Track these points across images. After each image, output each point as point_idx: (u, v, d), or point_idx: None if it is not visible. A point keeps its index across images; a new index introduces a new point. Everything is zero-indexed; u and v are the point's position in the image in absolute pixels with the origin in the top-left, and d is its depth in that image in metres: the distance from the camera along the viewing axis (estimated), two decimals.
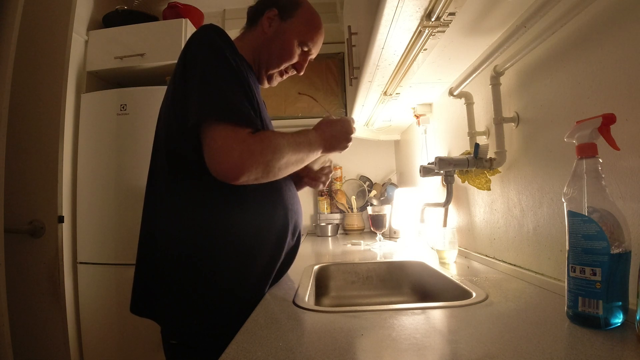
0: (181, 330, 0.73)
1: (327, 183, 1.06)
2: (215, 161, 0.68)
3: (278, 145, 0.73)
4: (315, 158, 0.84)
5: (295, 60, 0.92)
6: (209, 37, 0.75)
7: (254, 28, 0.92)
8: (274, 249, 0.80)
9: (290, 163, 0.76)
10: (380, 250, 1.41)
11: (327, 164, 1.06)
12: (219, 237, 0.74)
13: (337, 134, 0.87)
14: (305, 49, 0.92)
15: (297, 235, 0.88)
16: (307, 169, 1.01)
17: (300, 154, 0.78)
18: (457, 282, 0.81)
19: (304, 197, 2.37)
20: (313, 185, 1.06)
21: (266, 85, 0.96)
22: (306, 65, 0.96)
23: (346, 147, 0.90)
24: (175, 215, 0.75)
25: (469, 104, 1.08)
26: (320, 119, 0.91)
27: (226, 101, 0.69)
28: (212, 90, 0.70)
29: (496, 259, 0.97)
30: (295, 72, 0.97)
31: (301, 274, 0.97)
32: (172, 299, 0.74)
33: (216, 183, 0.70)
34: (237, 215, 0.76)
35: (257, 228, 0.77)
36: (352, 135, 0.90)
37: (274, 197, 0.81)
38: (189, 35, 0.84)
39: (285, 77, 0.97)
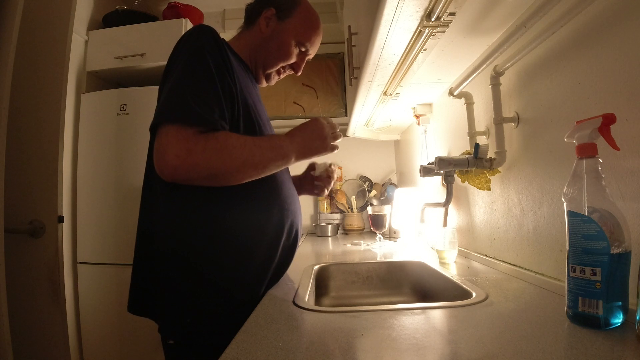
0: (177, 329, 0.73)
1: (330, 187, 1.05)
2: (155, 159, 0.67)
3: (227, 145, 0.68)
4: (289, 163, 0.79)
5: (292, 60, 0.92)
6: (192, 39, 0.75)
7: (252, 27, 0.92)
8: (270, 249, 0.80)
9: (249, 165, 0.70)
10: (380, 250, 1.41)
11: (329, 167, 1.05)
12: (214, 236, 0.74)
13: (307, 134, 0.80)
14: (303, 49, 0.92)
15: (293, 235, 0.87)
16: (307, 176, 0.98)
17: (263, 157, 0.72)
18: (457, 282, 0.81)
19: (304, 197, 2.36)
20: (313, 192, 1.04)
21: (264, 84, 0.96)
22: (304, 65, 0.96)
23: (323, 147, 0.82)
24: (170, 214, 0.75)
25: (469, 104, 1.08)
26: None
27: (181, 103, 0.67)
28: (174, 93, 0.69)
29: (496, 259, 0.97)
30: (293, 72, 0.96)
31: (301, 274, 0.97)
32: (168, 297, 0.74)
33: None
34: (232, 214, 0.75)
35: (252, 227, 0.77)
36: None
37: (269, 197, 0.80)
38: None
39: (283, 75, 0.97)
